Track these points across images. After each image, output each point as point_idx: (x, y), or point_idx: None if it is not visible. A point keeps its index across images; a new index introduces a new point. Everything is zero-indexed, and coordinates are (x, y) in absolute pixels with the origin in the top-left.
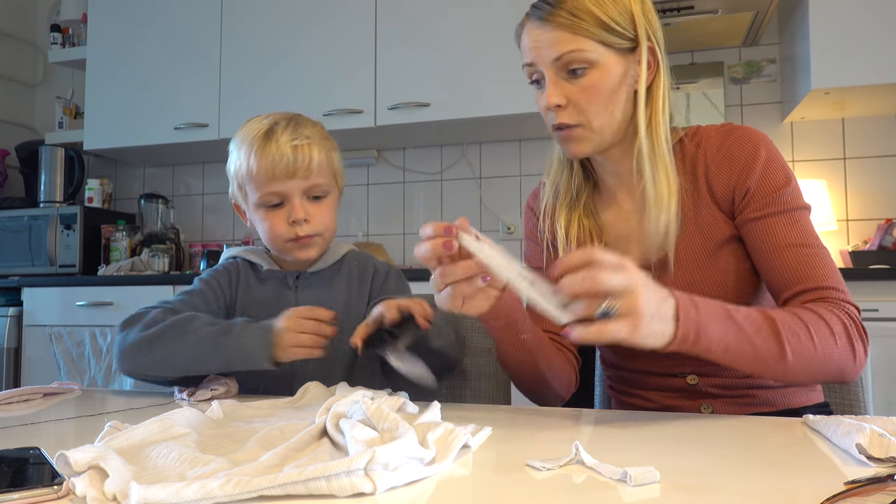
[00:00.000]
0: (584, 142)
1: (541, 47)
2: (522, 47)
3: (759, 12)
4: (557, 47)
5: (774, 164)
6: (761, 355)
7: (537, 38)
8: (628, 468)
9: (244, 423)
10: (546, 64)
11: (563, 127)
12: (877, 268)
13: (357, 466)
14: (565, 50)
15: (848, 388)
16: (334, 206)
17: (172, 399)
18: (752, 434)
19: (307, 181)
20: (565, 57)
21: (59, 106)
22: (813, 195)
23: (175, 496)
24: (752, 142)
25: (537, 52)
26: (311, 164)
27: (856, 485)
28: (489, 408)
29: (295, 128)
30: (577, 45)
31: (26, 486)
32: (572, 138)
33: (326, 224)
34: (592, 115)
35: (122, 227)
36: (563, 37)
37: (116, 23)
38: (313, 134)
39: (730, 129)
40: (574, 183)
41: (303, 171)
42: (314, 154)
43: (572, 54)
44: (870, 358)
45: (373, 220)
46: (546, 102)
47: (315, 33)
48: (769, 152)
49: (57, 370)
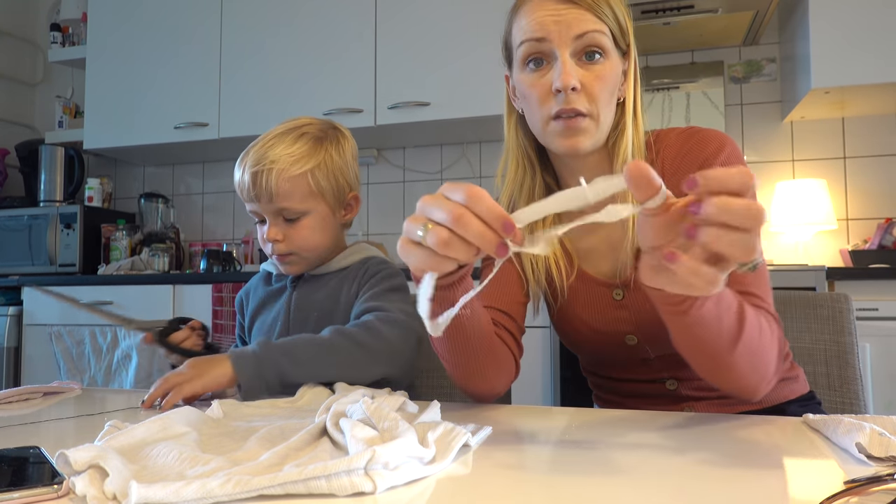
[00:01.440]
0: (589, 135)
1: (561, 22)
2: (526, 22)
3: (759, 11)
4: (582, 24)
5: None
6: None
7: (557, 12)
8: None
9: (244, 423)
10: (565, 41)
11: (571, 115)
12: (876, 267)
13: (357, 466)
14: (590, 28)
15: (848, 388)
16: (316, 224)
17: None
18: (751, 433)
19: (272, 205)
20: (588, 36)
21: (58, 105)
22: (813, 194)
23: (175, 495)
24: (711, 146)
25: (556, 26)
26: (270, 190)
27: (855, 484)
28: (489, 407)
29: (268, 149)
30: (601, 27)
31: (26, 486)
32: (579, 129)
33: (302, 244)
34: (602, 107)
35: (122, 226)
36: (588, 17)
37: (116, 22)
38: (283, 156)
39: (690, 133)
40: (536, 189)
41: (264, 197)
42: (273, 181)
43: (595, 35)
44: (869, 357)
45: (373, 219)
46: (561, 83)
47: (315, 32)
48: (727, 155)
49: (57, 369)
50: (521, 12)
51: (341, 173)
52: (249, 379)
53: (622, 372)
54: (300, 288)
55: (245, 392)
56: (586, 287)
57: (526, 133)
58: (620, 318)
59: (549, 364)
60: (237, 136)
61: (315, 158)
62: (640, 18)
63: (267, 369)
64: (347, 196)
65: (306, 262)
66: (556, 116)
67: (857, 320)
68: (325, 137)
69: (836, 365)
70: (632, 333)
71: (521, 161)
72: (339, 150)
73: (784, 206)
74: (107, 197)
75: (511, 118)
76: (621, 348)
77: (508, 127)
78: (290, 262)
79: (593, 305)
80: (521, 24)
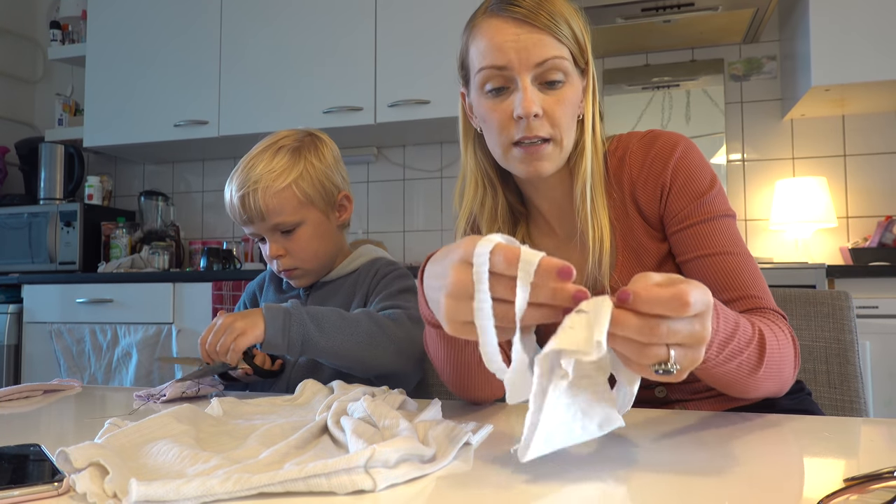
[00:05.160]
0: (552, 160)
1: (520, 48)
2: (485, 46)
3: (759, 9)
4: (543, 51)
5: (695, 172)
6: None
7: (516, 37)
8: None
9: (244, 421)
10: (525, 66)
11: (535, 141)
12: (876, 265)
13: (357, 464)
14: (552, 55)
15: (847, 385)
16: (313, 232)
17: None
18: (750, 431)
19: (266, 223)
20: (549, 63)
21: (58, 103)
22: (813, 192)
23: (175, 493)
24: (671, 151)
25: (516, 53)
26: (260, 210)
27: (855, 481)
28: (490, 406)
29: (249, 170)
30: (561, 52)
31: (27, 483)
32: (541, 155)
33: (304, 255)
34: (564, 131)
35: (122, 224)
36: (547, 41)
37: (116, 19)
38: (265, 174)
39: (651, 138)
40: (499, 209)
41: (256, 218)
42: (261, 200)
43: (555, 61)
44: (869, 355)
45: (373, 218)
46: (523, 110)
47: (315, 30)
48: (689, 160)
49: (57, 367)
50: (478, 33)
51: (326, 177)
52: (275, 332)
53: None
54: (313, 295)
55: (266, 344)
56: None
57: (485, 153)
58: None
59: None
60: (237, 134)
61: (296, 169)
62: (641, 16)
63: (294, 327)
64: (338, 197)
65: (313, 273)
66: (517, 142)
67: (857, 318)
68: (303, 146)
69: (835, 363)
70: None
71: (481, 181)
72: (319, 156)
73: (784, 203)
74: (107, 195)
75: (468, 137)
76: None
77: (465, 146)
78: (297, 277)
79: None
80: (480, 48)
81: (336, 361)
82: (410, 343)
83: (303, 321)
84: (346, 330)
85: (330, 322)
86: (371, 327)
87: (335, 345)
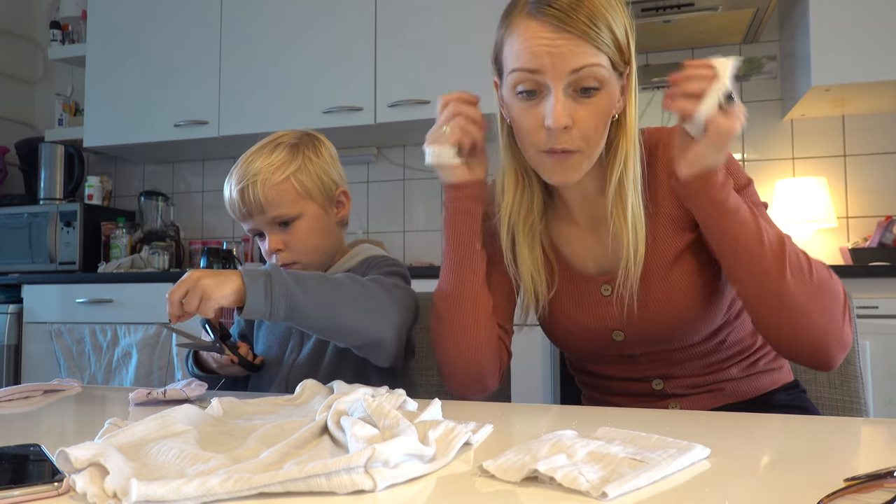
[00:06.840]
0: (579, 170)
1: (555, 54)
2: (519, 48)
3: (759, 9)
4: (579, 58)
5: (733, 167)
6: (762, 240)
7: (552, 42)
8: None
9: (244, 421)
10: (559, 74)
11: (561, 151)
12: (877, 265)
13: (357, 464)
14: (588, 62)
15: (847, 385)
16: (312, 225)
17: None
18: (749, 430)
19: (265, 216)
20: (585, 71)
21: (58, 103)
22: (813, 192)
23: (175, 493)
24: None
25: (550, 59)
26: (259, 202)
27: (855, 481)
28: (490, 405)
29: (248, 164)
30: (598, 59)
31: (27, 483)
32: (568, 165)
33: (302, 248)
34: (594, 142)
35: (122, 224)
36: (585, 48)
37: (116, 19)
38: (264, 168)
39: None
40: (535, 204)
41: (255, 211)
42: (260, 192)
43: (592, 69)
44: (869, 355)
45: (373, 218)
46: (553, 122)
47: (315, 30)
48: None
49: (57, 367)
50: (514, 32)
51: (324, 172)
52: (256, 296)
53: (609, 369)
54: None
55: (247, 310)
56: (574, 284)
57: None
58: (608, 314)
59: (548, 362)
60: (237, 134)
61: (295, 163)
62: (641, 16)
63: (276, 289)
64: (336, 193)
65: (312, 268)
66: (548, 152)
67: (857, 318)
68: (301, 143)
69: None
70: (619, 329)
71: (518, 171)
72: (317, 153)
73: (784, 204)
74: (107, 195)
75: (503, 127)
76: (608, 344)
77: (501, 135)
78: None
79: (581, 301)
80: (514, 48)
81: (320, 324)
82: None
83: (284, 283)
84: (330, 290)
85: (313, 283)
86: (355, 289)
87: (319, 305)
